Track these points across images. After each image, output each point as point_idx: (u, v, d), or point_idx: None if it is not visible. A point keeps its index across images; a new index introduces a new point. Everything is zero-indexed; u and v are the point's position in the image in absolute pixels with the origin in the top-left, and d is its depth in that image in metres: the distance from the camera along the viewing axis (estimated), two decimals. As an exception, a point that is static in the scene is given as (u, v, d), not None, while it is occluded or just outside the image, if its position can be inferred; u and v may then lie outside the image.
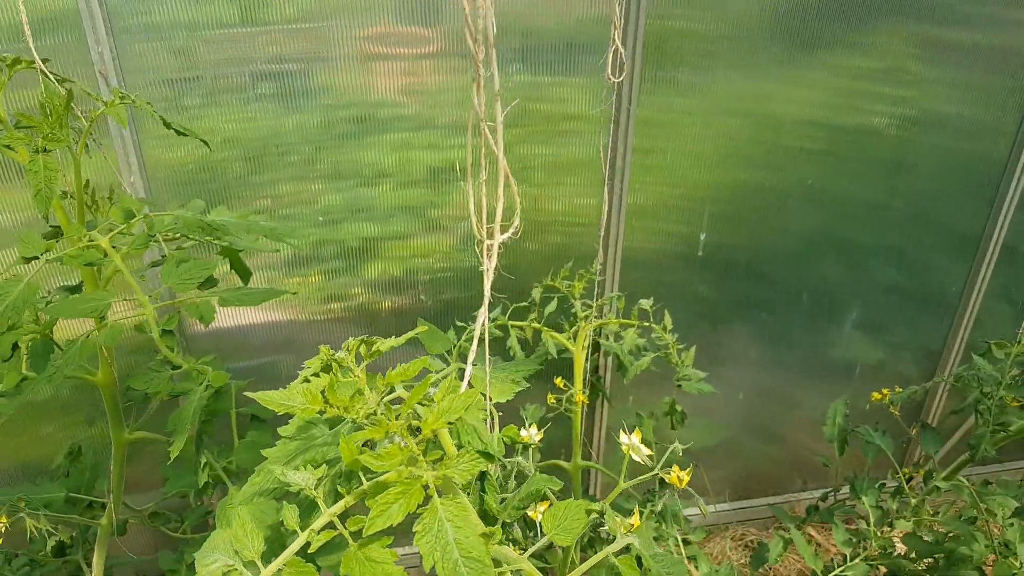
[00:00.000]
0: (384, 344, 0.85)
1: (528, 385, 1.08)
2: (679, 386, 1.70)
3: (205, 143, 1.39)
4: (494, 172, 0.79)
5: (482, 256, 0.82)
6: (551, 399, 1.71)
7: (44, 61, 1.28)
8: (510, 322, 1.72)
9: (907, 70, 2.12)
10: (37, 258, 1.18)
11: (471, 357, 0.88)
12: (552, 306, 1.75)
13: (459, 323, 1.70)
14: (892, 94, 2.14)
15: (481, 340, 0.84)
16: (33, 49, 1.25)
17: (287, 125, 1.96)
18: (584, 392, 1.68)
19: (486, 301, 0.85)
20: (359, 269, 2.24)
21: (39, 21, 1.69)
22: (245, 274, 1.64)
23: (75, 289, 1.43)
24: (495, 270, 0.82)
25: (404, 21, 1.90)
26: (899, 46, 2.09)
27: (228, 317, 2.14)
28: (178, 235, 1.34)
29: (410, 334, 0.88)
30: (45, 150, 1.19)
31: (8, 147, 1.20)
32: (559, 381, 1.70)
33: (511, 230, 0.83)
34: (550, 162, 2.15)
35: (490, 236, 0.83)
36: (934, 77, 2.13)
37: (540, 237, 2.28)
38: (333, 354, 0.85)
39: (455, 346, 1.76)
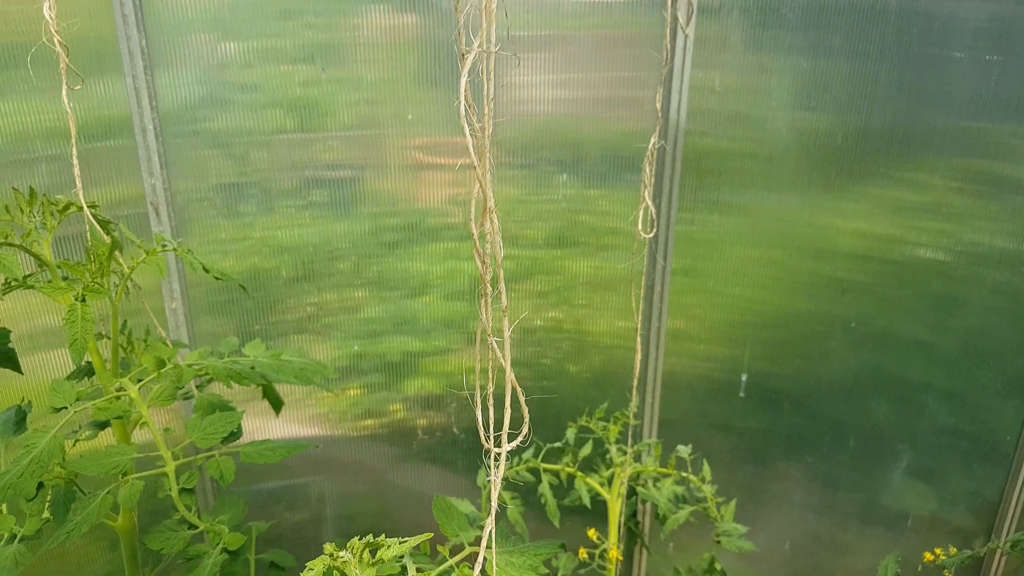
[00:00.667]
0: (389, 551, 0.82)
1: (547, 571, 1.02)
2: (718, 542, 1.61)
3: (243, 288, 1.41)
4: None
5: (489, 470, 0.79)
6: (583, 554, 1.63)
7: (92, 207, 1.32)
8: (542, 465, 1.66)
9: (950, 204, 2.06)
10: (66, 408, 1.19)
11: (478, 566, 0.83)
12: (587, 449, 1.70)
13: (492, 462, 1.66)
14: (937, 228, 2.08)
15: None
16: (82, 195, 1.29)
17: (337, 231, 1.98)
18: (619, 546, 1.61)
19: (493, 511, 0.82)
20: (397, 385, 2.23)
21: (93, 122, 1.76)
22: (277, 404, 1.64)
23: (104, 424, 1.44)
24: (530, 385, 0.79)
25: (454, 131, 1.94)
26: (942, 179, 2.04)
27: (258, 431, 2.13)
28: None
29: (418, 539, 0.84)
30: (84, 299, 1.21)
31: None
32: (592, 533, 1.63)
33: (519, 438, 0.81)
34: (593, 278, 2.13)
35: (497, 444, 0.80)
36: (979, 211, 2.07)
37: (582, 359, 2.25)
38: (337, 555, 0.82)
39: (482, 488, 1.71)
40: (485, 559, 0.82)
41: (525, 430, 0.79)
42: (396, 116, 1.90)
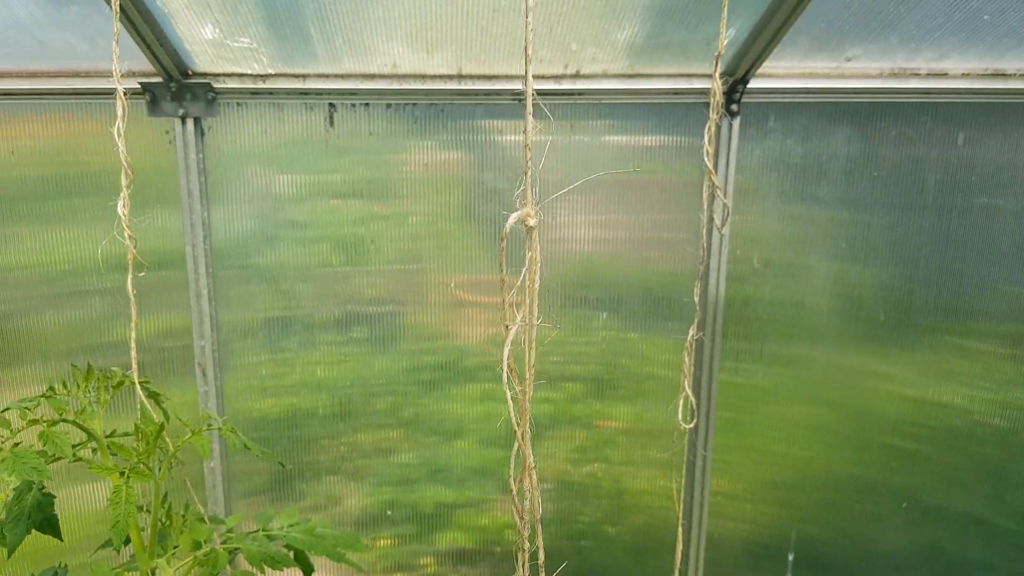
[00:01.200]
0: None
1: None
2: None
3: (282, 465, 1.42)
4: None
5: None
6: None
7: (143, 382, 1.36)
8: (577, 650, 1.60)
9: (1001, 370, 2.00)
10: (101, 592, 1.19)
11: None
12: (623, 633, 1.63)
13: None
14: (987, 397, 2.02)
15: None
16: (136, 373, 1.33)
17: (375, 369, 1.99)
18: None
19: None
20: (429, 537, 2.18)
21: (148, 253, 1.83)
22: (307, 569, 1.62)
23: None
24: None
25: (493, 269, 1.96)
26: (991, 346, 1.99)
27: (284, 580, 2.09)
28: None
29: None
30: (129, 479, 1.23)
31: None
32: None
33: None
34: (633, 426, 2.08)
35: None
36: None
37: (621, 519, 2.18)
38: None
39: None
40: None
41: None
42: (438, 251, 1.95)
